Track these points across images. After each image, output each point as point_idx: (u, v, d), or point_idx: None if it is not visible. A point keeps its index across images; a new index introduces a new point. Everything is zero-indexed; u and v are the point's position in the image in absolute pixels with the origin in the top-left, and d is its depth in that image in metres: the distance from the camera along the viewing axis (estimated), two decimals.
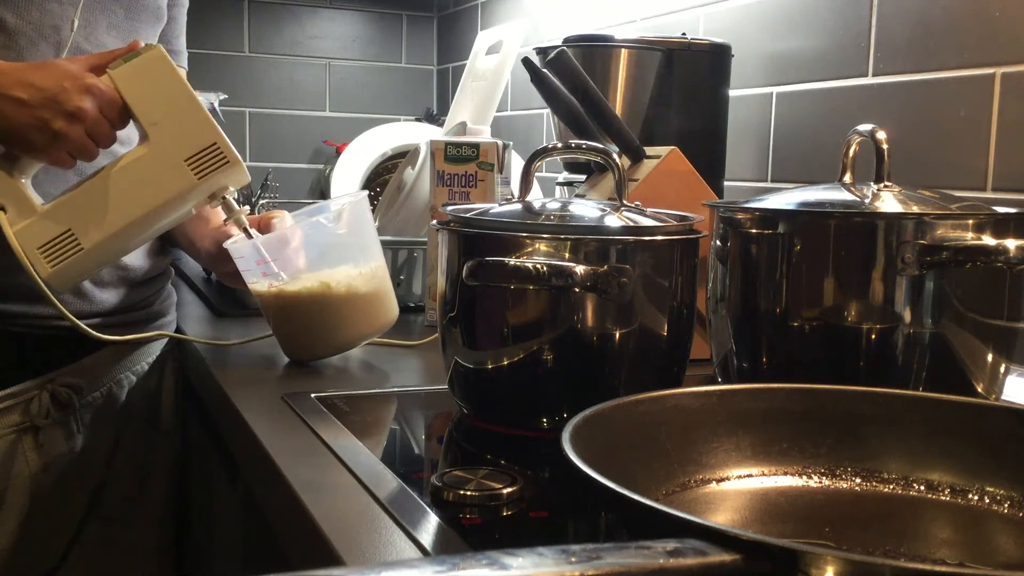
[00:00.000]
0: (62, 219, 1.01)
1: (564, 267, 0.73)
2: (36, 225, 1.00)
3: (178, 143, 1.01)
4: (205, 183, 1.02)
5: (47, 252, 1.00)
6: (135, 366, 1.24)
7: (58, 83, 0.96)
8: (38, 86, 0.96)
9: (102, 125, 0.98)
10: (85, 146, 0.98)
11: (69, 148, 0.98)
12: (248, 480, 0.91)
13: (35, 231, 1.00)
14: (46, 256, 1.00)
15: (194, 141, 1.02)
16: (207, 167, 1.02)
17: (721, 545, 0.43)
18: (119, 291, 1.19)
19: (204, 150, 1.01)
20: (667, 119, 1.30)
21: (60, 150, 0.98)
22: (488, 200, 1.21)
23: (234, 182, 1.05)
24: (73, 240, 1.00)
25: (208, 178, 1.02)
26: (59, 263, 1.00)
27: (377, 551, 0.58)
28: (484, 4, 2.35)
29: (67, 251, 1.00)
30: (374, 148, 2.08)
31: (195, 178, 1.01)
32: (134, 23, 1.17)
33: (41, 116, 0.96)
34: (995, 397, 0.83)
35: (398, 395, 0.97)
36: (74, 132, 0.97)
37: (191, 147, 1.01)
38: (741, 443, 0.66)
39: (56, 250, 1.00)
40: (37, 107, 0.96)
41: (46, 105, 0.96)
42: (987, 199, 1.08)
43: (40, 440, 1.14)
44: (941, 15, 1.15)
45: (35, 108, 0.96)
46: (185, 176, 1.01)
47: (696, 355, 0.88)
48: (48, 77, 0.97)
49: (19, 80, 0.96)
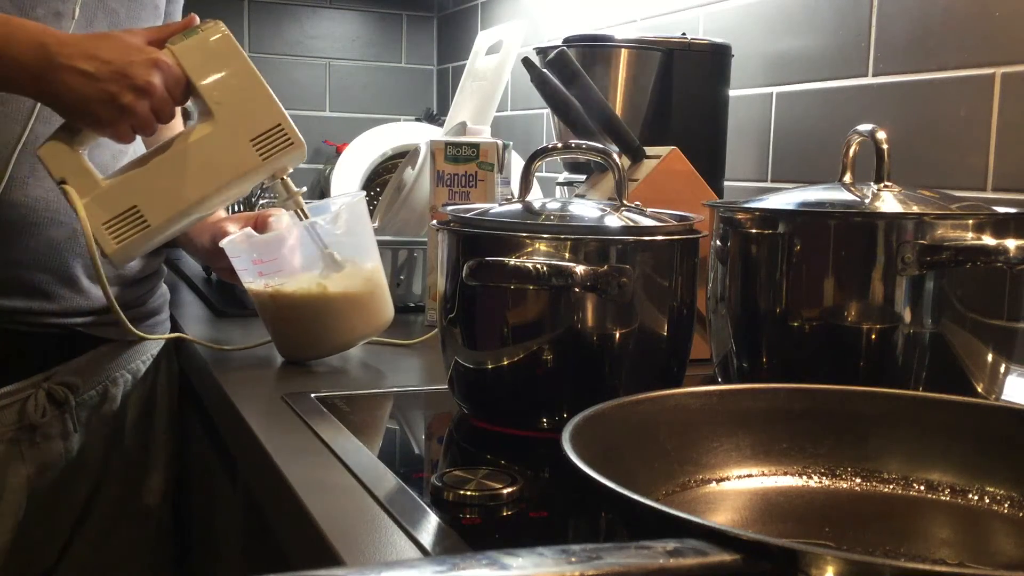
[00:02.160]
0: (128, 195, 0.99)
1: (564, 267, 0.73)
2: (100, 200, 0.99)
3: (243, 123, 1.01)
4: (269, 164, 1.02)
5: (112, 228, 0.99)
6: (131, 365, 1.24)
7: (126, 56, 0.94)
8: (105, 59, 0.93)
9: (166, 102, 0.97)
10: (148, 121, 0.96)
11: (133, 123, 0.96)
12: (248, 480, 0.91)
13: (100, 206, 0.99)
14: (111, 232, 0.99)
15: (260, 121, 1.01)
16: (272, 148, 1.01)
17: (721, 545, 0.43)
18: (114, 289, 1.19)
19: (269, 131, 1.01)
20: (667, 119, 1.30)
21: (124, 124, 0.96)
22: (488, 200, 1.21)
23: (295, 163, 1.05)
24: (139, 216, 0.99)
25: (272, 159, 1.02)
26: (124, 240, 0.99)
27: (377, 551, 0.58)
28: (484, 4, 2.35)
29: (133, 227, 0.99)
30: (374, 148, 2.07)
31: (260, 159, 1.01)
32: (134, 22, 1.17)
33: (109, 90, 0.93)
34: (995, 397, 0.83)
35: (398, 395, 0.97)
36: (141, 107, 0.95)
37: (257, 127, 1.01)
38: (741, 443, 0.66)
39: (122, 226, 0.99)
40: (106, 80, 0.93)
41: (115, 79, 0.93)
42: (987, 199, 1.08)
43: (37, 439, 1.14)
44: (941, 15, 1.15)
45: (104, 81, 0.93)
46: (250, 156, 1.01)
47: (696, 355, 0.88)
48: (114, 49, 0.94)
49: (84, 51, 0.94)
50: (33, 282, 1.12)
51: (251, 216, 1.18)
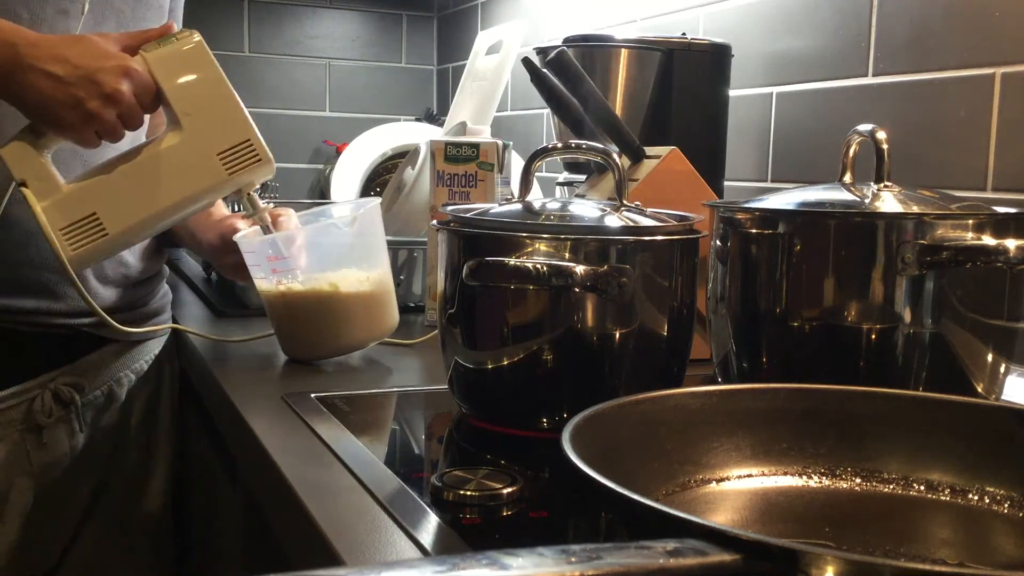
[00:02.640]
0: (88, 201, 0.98)
1: (564, 267, 0.73)
2: (60, 205, 0.97)
3: (212, 136, 0.99)
4: (235, 179, 1.00)
5: (69, 234, 0.97)
6: (135, 364, 1.24)
7: (95, 62, 0.93)
8: (74, 63, 0.92)
9: (135, 110, 0.96)
10: (115, 128, 0.96)
11: (99, 129, 0.95)
12: (248, 480, 0.91)
13: (59, 211, 0.97)
14: (68, 238, 0.97)
15: (228, 135, 1.00)
16: (239, 163, 1.00)
17: (721, 545, 0.43)
18: (117, 290, 1.19)
19: (237, 146, 0.99)
20: (667, 119, 1.30)
21: (89, 130, 0.95)
22: (488, 200, 1.21)
23: (261, 179, 1.04)
24: (98, 224, 0.98)
25: (238, 174, 1.00)
26: (81, 246, 0.97)
27: (377, 551, 0.58)
28: (484, 4, 2.35)
29: (91, 235, 0.98)
30: (374, 148, 2.08)
31: (226, 173, 0.99)
32: (140, 23, 1.18)
33: (76, 94, 0.92)
34: (995, 397, 0.83)
35: (398, 395, 0.97)
36: (107, 114, 0.94)
37: (225, 141, 0.99)
38: (741, 443, 0.66)
39: (79, 233, 0.97)
40: (73, 85, 0.92)
41: (82, 84, 0.92)
42: (987, 199, 1.08)
43: (43, 439, 1.15)
44: (941, 15, 1.15)
45: (71, 85, 0.92)
46: (216, 170, 0.99)
47: (696, 355, 0.88)
48: (84, 54, 0.93)
49: (53, 54, 0.93)
50: (40, 282, 1.12)
51: None
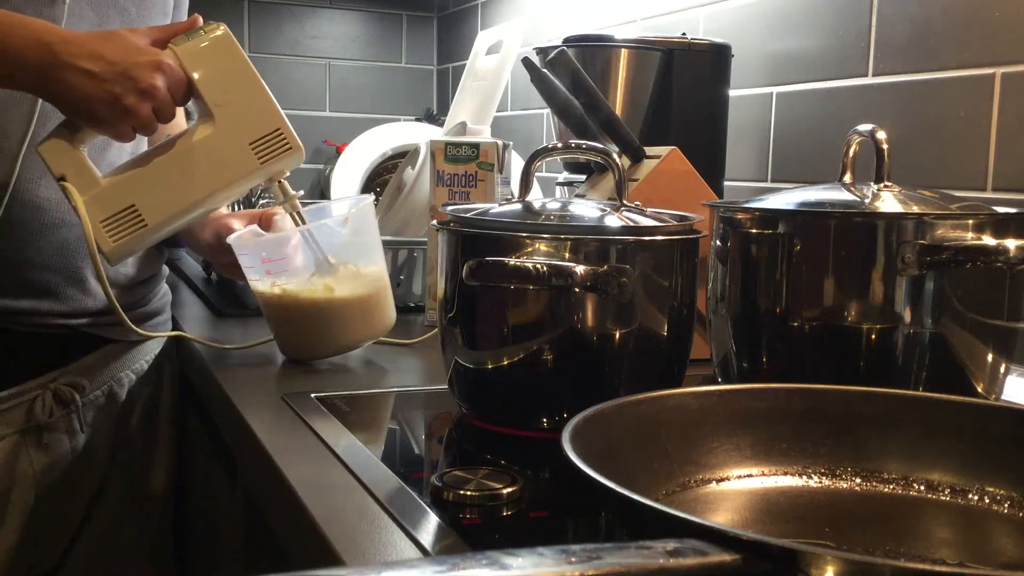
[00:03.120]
0: (126, 194, 1.00)
1: (564, 267, 0.73)
2: (99, 198, 0.99)
3: (243, 126, 1.01)
4: (266, 167, 1.02)
5: (110, 226, 0.99)
6: (135, 365, 1.24)
7: (130, 57, 0.94)
8: (108, 58, 0.93)
9: (168, 103, 0.97)
10: (150, 122, 0.97)
11: (135, 123, 0.96)
12: (248, 480, 0.91)
13: (98, 204, 0.99)
14: (108, 230, 0.99)
15: (259, 125, 1.01)
16: (271, 152, 1.01)
17: (721, 545, 0.43)
18: (118, 290, 1.19)
19: (269, 134, 1.01)
20: (667, 119, 1.30)
21: (126, 125, 0.96)
22: (488, 200, 1.21)
23: (292, 166, 1.05)
24: (137, 216, 1.00)
25: (270, 163, 1.02)
26: (121, 238, 0.99)
27: (377, 551, 0.58)
28: (484, 4, 2.35)
29: (130, 226, 1.00)
30: (374, 148, 2.08)
31: (258, 162, 1.01)
32: (146, 22, 1.18)
33: (113, 91, 0.93)
34: (995, 397, 0.83)
35: (398, 395, 0.97)
36: (143, 109, 0.95)
37: (256, 131, 1.01)
38: (741, 443, 0.66)
39: (119, 225, 0.99)
40: (109, 81, 0.93)
41: (118, 80, 0.93)
42: (987, 199, 1.08)
43: (44, 439, 1.15)
44: (941, 15, 1.15)
45: (107, 82, 0.93)
46: (248, 160, 1.01)
47: (696, 355, 0.88)
48: (118, 50, 0.94)
49: (88, 51, 0.94)
50: (42, 283, 1.12)
51: (255, 214, 1.18)
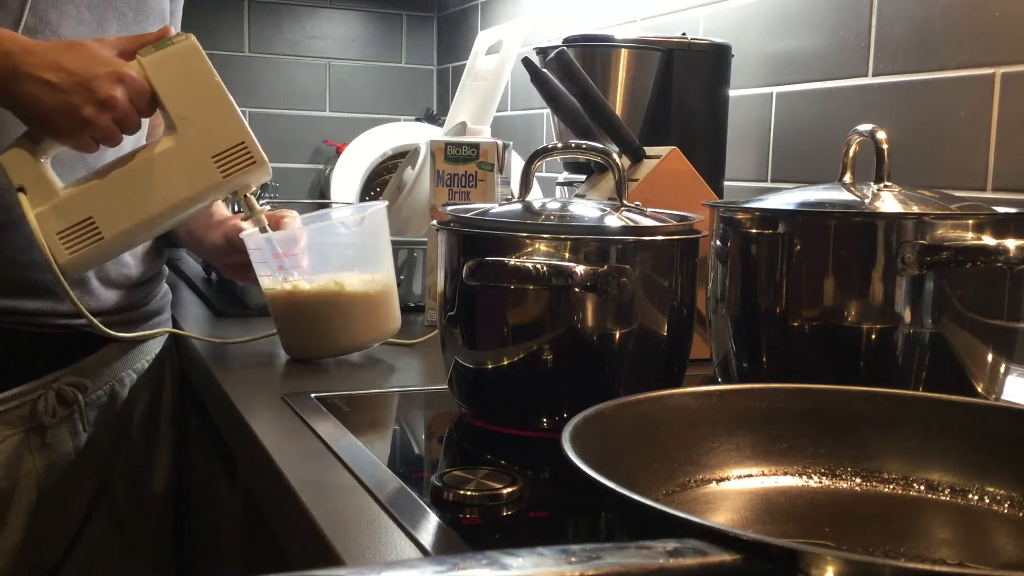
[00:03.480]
0: (84, 206, 0.99)
1: (564, 267, 0.73)
2: (57, 209, 0.98)
3: (206, 139, 1.00)
4: (230, 181, 1.01)
5: (66, 238, 0.98)
6: (136, 364, 1.24)
7: (90, 68, 0.94)
8: (69, 69, 0.93)
9: (131, 114, 0.97)
10: (112, 133, 0.97)
11: (95, 135, 0.96)
12: (248, 480, 0.91)
13: (55, 216, 0.98)
14: (64, 242, 0.98)
15: (223, 138, 1.00)
16: (234, 166, 1.00)
17: (721, 545, 0.43)
18: (119, 291, 1.19)
19: (232, 148, 1.00)
20: (667, 119, 1.30)
21: (86, 136, 0.96)
22: (488, 200, 1.21)
23: (257, 181, 1.04)
24: (94, 228, 0.99)
25: (233, 176, 1.01)
26: (77, 250, 0.99)
27: (377, 551, 0.58)
28: (484, 4, 2.35)
29: (86, 239, 0.99)
30: (374, 148, 2.08)
31: (220, 176, 1.00)
32: (142, 25, 1.18)
33: (71, 101, 0.93)
34: (995, 397, 0.83)
35: (398, 395, 0.97)
36: (103, 120, 0.95)
37: (219, 144, 1.00)
38: (741, 443, 0.66)
39: (75, 237, 0.98)
40: (68, 92, 0.93)
41: (77, 91, 0.93)
42: (987, 199, 1.08)
43: (47, 439, 1.15)
44: (941, 15, 1.15)
45: (66, 93, 0.93)
46: (211, 173, 1.00)
47: (696, 355, 0.88)
48: (79, 60, 0.94)
49: (49, 61, 0.94)
50: (44, 284, 1.12)
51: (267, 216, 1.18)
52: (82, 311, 1.03)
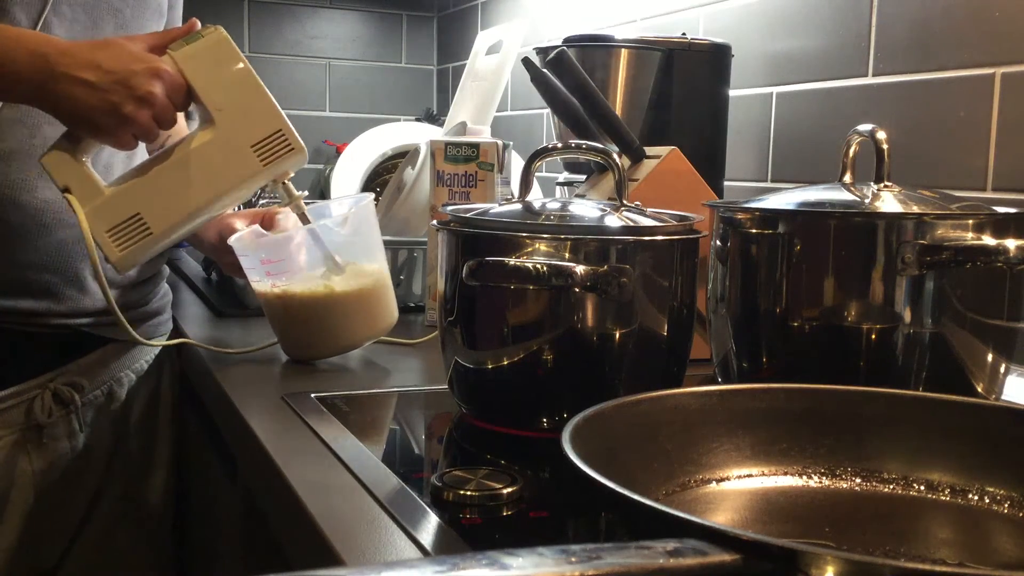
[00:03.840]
0: (130, 203, 1.00)
1: (564, 267, 0.73)
2: (104, 208, 0.99)
3: (244, 129, 1.01)
4: (270, 169, 1.02)
5: (116, 235, 0.99)
6: (134, 364, 1.24)
7: (127, 66, 0.94)
8: (105, 68, 0.94)
9: (168, 109, 0.97)
10: (150, 129, 0.97)
11: (135, 131, 0.97)
12: (248, 480, 0.91)
13: (103, 214, 0.99)
14: (114, 239, 0.99)
15: (260, 127, 1.01)
16: (273, 153, 1.01)
17: (721, 545, 0.43)
18: (118, 291, 1.19)
19: (270, 136, 1.01)
20: (667, 119, 1.30)
21: (126, 133, 0.96)
22: (488, 200, 1.21)
23: (295, 167, 1.05)
24: (142, 224, 1.00)
25: (273, 164, 1.02)
26: (128, 247, 0.99)
27: (377, 551, 0.58)
28: (484, 4, 2.35)
29: (136, 235, 1.00)
30: (374, 148, 2.08)
31: (260, 164, 1.01)
32: (139, 23, 1.18)
33: (111, 100, 0.94)
34: (995, 397, 0.83)
35: (398, 395, 0.97)
36: (142, 116, 0.95)
37: (257, 133, 1.01)
38: (741, 443, 0.66)
39: (125, 233, 0.99)
40: (107, 90, 0.94)
41: (116, 89, 0.94)
42: (987, 199, 1.08)
43: (43, 439, 1.15)
44: (941, 15, 1.15)
45: (105, 91, 0.94)
46: (251, 162, 1.01)
47: (696, 355, 0.88)
48: (115, 58, 0.95)
49: (85, 61, 0.94)
50: (41, 283, 1.12)
51: (258, 213, 1.18)
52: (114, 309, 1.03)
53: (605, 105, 1.14)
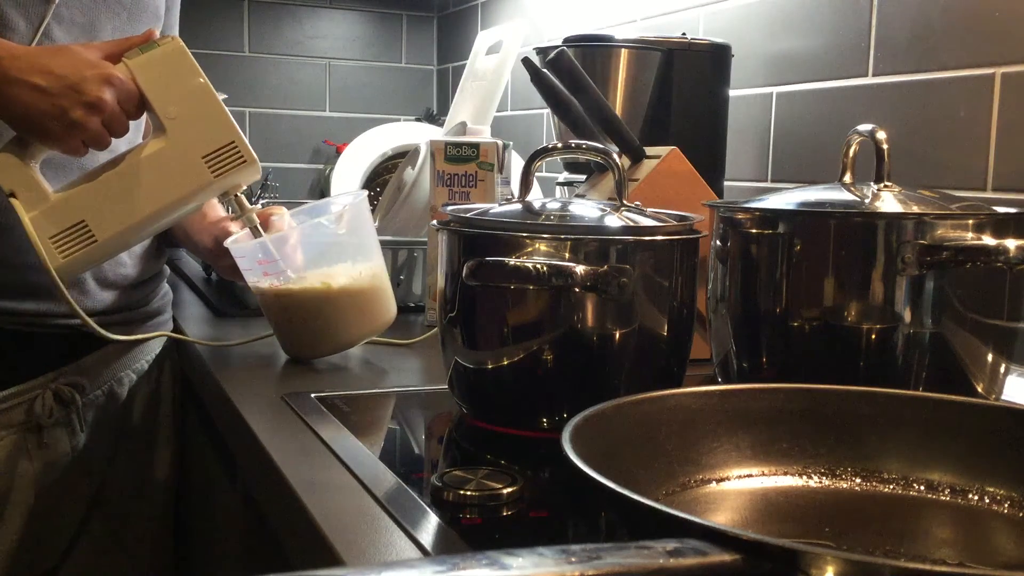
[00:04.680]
0: (76, 209, 0.99)
1: (564, 267, 0.73)
2: (49, 214, 0.98)
3: (196, 140, 1.00)
4: (220, 181, 1.01)
5: (59, 242, 0.99)
6: (135, 364, 1.24)
7: (77, 71, 0.94)
8: (57, 73, 0.94)
9: (119, 116, 0.97)
10: (100, 136, 0.97)
11: (84, 137, 0.96)
12: (248, 480, 0.91)
13: (48, 220, 0.98)
14: (58, 246, 0.99)
15: (212, 138, 1.00)
16: (224, 165, 1.01)
17: (721, 545, 0.43)
18: (117, 292, 1.19)
19: (222, 148, 1.00)
20: (667, 119, 1.30)
21: (75, 139, 0.96)
22: (488, 200, 1.21)
23: (248, 180, 1.04)
24: (87, 231, 0.99)
25: (224, 176, 1.01)
26: (71, 254, 0.99)
27: (377, 551, 0.58)
28: (484, 4, 2.35)
29: (80, 242, 0.99)
30: (374, 148, 2.08)
31: (211, 176, 1.00)
32: (136, 25, 1.18)
33: (59, 104, 0.93)
34: (995, 397, 0.83)
35: (398, 395, 0.97)
36: (91, 122, 0.95)
37: (209, 144, 1.00)
38: (741, 443, 0.66)
39: (68, 241, 0.99)
40: (56, 95, 0.93)
41: (65, 93, 0.94)
42: (987, 199, 1.08)
43: (44, 439, 1.15)
44: (941, 15, 1.15)
45: (53, 96, 0.93)
46: (201, 174, 1.00)
47: (696, 355, 0.88)
48: (66, 64, 0.94)
49: (36, 65, 0.94)
50: (42, 285, 1.12)
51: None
52: (78, 312, 1.03)
53: (605, 105, 1.14)
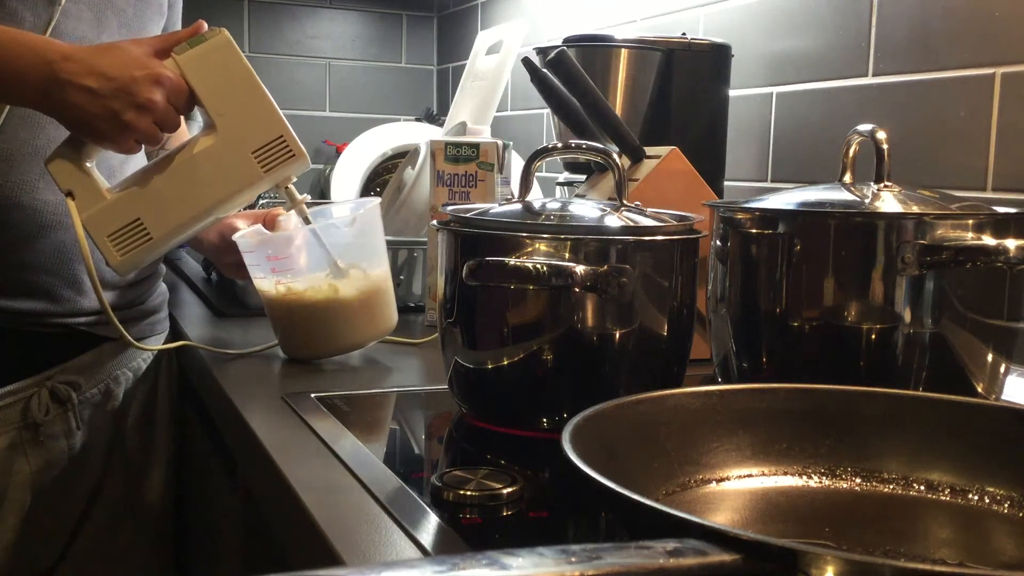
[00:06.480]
0: (131, 208, 1.00)
1: (564, 267, 0.73)
2: (105, 212, 1.00)
3: (245, 135, 1.01)
4: (270, 175, 1.02)
5: (116, 240, 1.00)
6: (132, 363, 1.24)
7: (128, 72, 0.95)
8: (108, 75, 0.94)
9: (170, 114, 0.98)
10: (153, 135, 0.98)
11: (137, 137, 0.97)
12: (248, 480, 0.91)
13: (104, 219, 1.00)
14: (115, 244, 1.00)
15: (261, 133, 1.01)
16: (274, 160, 1.01)
17: (721, 545, 0.43)
18: (114, 292, 1.19)
19: (271, 143, 1.01)
20: (667, 119, 1.30)
21: (128, 140, 0.97)
22: (488, 200, 1.21)
23: (297, 173, 1.05)
24: (142, 229, 1.00)
25: (274, 171, 1.02)
26: (128, 251, 1.00)
27: (377, 551, 0.58)
28: (484, 4, 2.35)
29: (136, 240, 1.00)
30: (374, 148, 2.08)
31: (261, 171, 1.01)
32: (142, 22, 1.18)
33: (112, 107, 0.94)
34: (995, 397, 0.83)
35: (398, 395, 0.97)
36: (143, 123, 0.96)
37: (258, 139, 1.01)
38: (741, 443, 0.66)
39: (125, 238, 1.00)
40: (108, 97, 0.94)
41: (117, 96, 0.94)
42: (987, 199, 1.08)
43: (40, 437, 1.15)
44: (941, 15, 1.15)
45: (106, 98, 0.94)
46: (252, 169, 1.01)
47: (696, 355, 0.88)
48: (117, 65, 0.95)
49: (88, 68, 0.95)
50: (39, 285, 1.12)
51: (259, 214, 1.18)
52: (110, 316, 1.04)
53: (605, 105, 1.14)
